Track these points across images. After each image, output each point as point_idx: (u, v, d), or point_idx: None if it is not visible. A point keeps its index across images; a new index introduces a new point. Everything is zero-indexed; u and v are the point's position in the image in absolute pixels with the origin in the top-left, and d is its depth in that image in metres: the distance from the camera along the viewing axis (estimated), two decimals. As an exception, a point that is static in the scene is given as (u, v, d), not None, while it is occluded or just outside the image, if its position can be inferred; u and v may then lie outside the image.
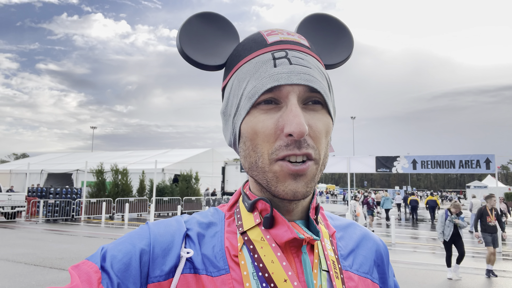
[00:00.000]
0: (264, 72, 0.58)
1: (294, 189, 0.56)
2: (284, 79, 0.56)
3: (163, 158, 27.90)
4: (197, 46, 0.65)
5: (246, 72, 0.60)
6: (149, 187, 21.63)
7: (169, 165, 25.76)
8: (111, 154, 34.51)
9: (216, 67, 0.66)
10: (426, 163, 13.03)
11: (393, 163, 13.64)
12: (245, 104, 0.59)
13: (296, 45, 0.61)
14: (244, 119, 0.60)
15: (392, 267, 0.76)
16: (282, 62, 0.58)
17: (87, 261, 0.56)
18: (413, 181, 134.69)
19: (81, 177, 24.30)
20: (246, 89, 0.59)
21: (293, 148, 0.55)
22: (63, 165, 29.87)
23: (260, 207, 0.62)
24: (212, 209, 0.70)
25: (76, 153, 40.37)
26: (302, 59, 0.59)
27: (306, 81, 0.57)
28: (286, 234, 0.58)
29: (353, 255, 0.69)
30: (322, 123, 0.59)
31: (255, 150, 0.58)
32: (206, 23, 0.67)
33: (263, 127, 0.57)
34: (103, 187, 20.08)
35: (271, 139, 0.57)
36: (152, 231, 0.60)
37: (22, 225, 14.97)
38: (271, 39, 0.62)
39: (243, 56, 0.62)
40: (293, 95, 0.56)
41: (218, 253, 0.60)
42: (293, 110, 0.55)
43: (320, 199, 49.99)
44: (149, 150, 35.65)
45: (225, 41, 0.67)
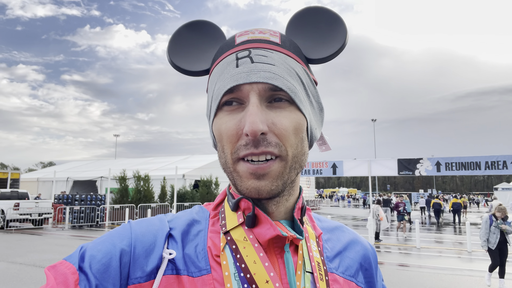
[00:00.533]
0: (227, 73, 0.58)
1: (257, 187, 0.56)
2: (243, 78, 0.56)
3: (183, 164, 28.20)
4: (185, 54, 0.67)
5: (214, 75, 0.62)
6: (170, 193, 21.88)
7: (189, 171, 26.01)
8: (134, 161, 35.15)
9: (203, 72, 0.67)
10: (451, 165, 12.68)
11: (416, 165, 13.34)
12: (213, 106, 0.61)
13: (263, 43, 0.60)
14: (213, 121, 0.61)
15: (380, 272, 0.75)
16: (244, 61, 0.58)
17: (65, 262, 0.54)
18: (438, 184, 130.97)
19: (105, 184, 24.85)
20: (214, 91, 0.60)
21: (250, 147, 0.55)
22: (88, 172, 30.61)
23: (243, 206, 0.61)
24: (198, 207, 0.69)
25: (100, 161, 41.32)
26: (265, 56, 0.58)
27: (266, 78, 0.56)
28: (268, 232, 0.58)
29: (340, 257, 0.68)
30: (288, 120, 0.57)
31: (223, 150, 0.59)
32: (194, 32, 0.69)
33: (226, 128, 0.58)
34: (126, 193, 20.45)
35: (233, 139, 0.57)
36: (134, 230, 0.59)
37: (49, 232, 15.41)
38: (239, 39, 0.62)
39: (215, 59, 0.64)
40: (253, 94, 0.56)
41: (200, 252, 0.59)
42: (250, 109, 0.55)
43: (342, 203, 49.33)
44: (170, 157, 36.10)
45: (210, 47, 0.68)
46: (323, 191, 76.64)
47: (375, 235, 12.85)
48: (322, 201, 53.71)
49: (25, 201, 16.79)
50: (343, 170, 14.69)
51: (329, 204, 52.03)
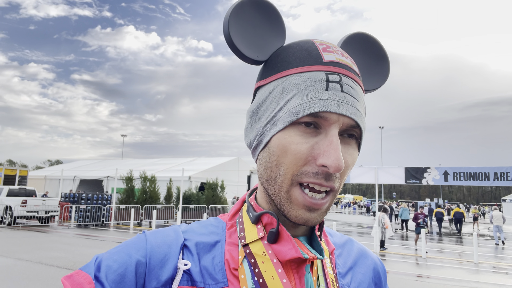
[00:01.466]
0: (314, 92, 0.55)
1: (307, 218, 0.56)
2: (334, 107, 0.54)
3: (190, 166, 28.28)
4: (243, 34, 0.61)
5: (294, 84, 0.57)
6: (176, 194, 21.94)
7: (195, 173, 26.07)
8: (140, 162, 35.34)
9: (257, 61, 0.62)
10: (459, 175, 12.57)
11: (423, 174, 13.25)
12: (285, 118, 0.56)
13: (349, 71, 0.58)
14: (278, 132, 0.57)
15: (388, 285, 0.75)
16: (334, 87, 0.55)
17: (81, 271, 0.55)
18: (445, 194, 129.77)
19: (111, 183, 25.02)
20: (290, 102, 0.56)
21: (321, 179, 0.54)
22: (95, 171, 30.86)
23: (265, 220, 0.61)
24: (213, 219, 0.68)
25: (107, 160, 41.61)
26: (353, 88, 0.57)
27: (352, 114, 0.55)
28: (290, 252, 0.57)
29: (352, 273, 0.68)
30: (352, 158, 0.58)
31: (278, 167, 0.57)
32: (257, 11, 0.62)
33: (295, 149, 0.55)
34: (132, 193, 20.55)
35: (299, 163, 0.55)
36: (149, 241, 0.59)
37: (55, 229, 15.53)
38: (327, 57, 0.58)
39: (294, 65, 0.58)
40: (336, 125, 0.55)
41: (217, 265, 0.58)
42: (334, 142, 0.53)
43: (348, 210, 49.04)
44: (177, 158, 36.23)
45: (271, 36, 0.63)
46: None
47: (380, 243, 12.76)
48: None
49: (32, 198, 16.96)
50: (349, 177, 14.62)
51: (334, 210, 51.77)
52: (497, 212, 17.44)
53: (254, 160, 0.66)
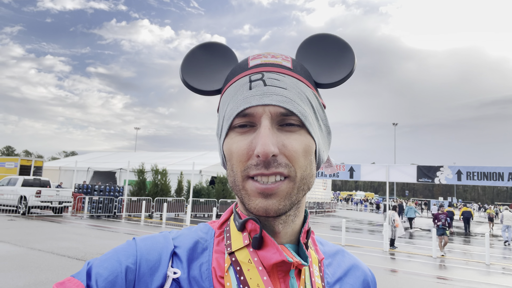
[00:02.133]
0: (240, 95, 0.60)
1: (264, 206, 0.57)
2: (256, 100, 0.58)
3: (201, 160, 28.46)
4: (197, 74, 0.70)
5: (227, 95, 0.64)
6: (187, 188, 22.12)
7: (206, 167, 26.22)
8: (152, 155, 35.70)
9: (214, 92, 0.69)
10: (472, 174, 12.34)
11: (436, 173, 13.05)
12: (225, 126, 0.62)
13: (275, 67, 0.63)
14: (224, 141, 0.62)
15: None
16: (257, 84, 0.60)
17: (73, 279, 0.56)
18: (459, 192, 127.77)
19: (124, 175, 25.34)
20: (226, 111, 0.62)
21: (261, 168, 0.57)
22: (108, 163, 31.29)
23: (249, 227, 0.62)
24: (202, 225, 0.69)
25: (120, 153, 42.13)
26: (278, 80, 0.60)
27: (278, 102, 0.58)
28: (274, 256, 0.58)
29: (340, 283, 0.68)
30: (298, 142, 0.59)
31: (232, 169, 0.60)
32: (207, 52, 0.72)
33: (237, 147, 0.59)
34: (143, 186, 20.80)
35: (243, 159, 0.58)
36: (139, 247, 0.60)
37: (68, 220, 15.85)
38: (253, 62, 0.64)
39: (228, 80, 0.66)
40: (265, 117, 0.58)
41: (204, 272, 0.59)
42: (261, 132, 0.56)
43: (358, 207, 48.76)
44: (188, 152, 36.49)
45: (224, 67, 0.71)
46: (340, 194, 75.88)
47: (390, 242, 12.66)
48: (338, 204, 53.22)
49: (46, 188, 17.32)
50: (360, 174, 14.51)
51: (345, 207, 51.51)
52: (507, 212, 17.82)
53: None
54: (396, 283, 7.93)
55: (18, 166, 23.98)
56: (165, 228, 15.24)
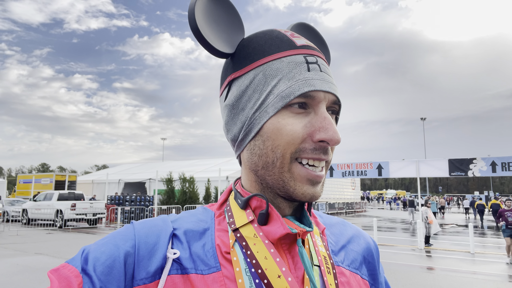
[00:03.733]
0: (299, 74, 0.58)
1: (313, 193, 0.58)
2: (319, 85, 0.58)
3: (226, 166, 28.64)
4: (209, 28, 0.61)
5: (276, 69, 0.59)
6: (214, 194, 22.32)
7: (232, 172, 26.37)
8: (179, 163, 36.26)
9: (225, 54, 0.63)
10: (508, 165, 11.82)
11: (469, 166, 12.58)
12: (276, 103, 0.57)
13: (320, 53, 0.63)
14: (270, 118, 0.58)
15: (381, 265, 0.76)
16: (314, 67, 0.59)
17: (67, 265, 0.54)
18: (496, 185, 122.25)
19: (153, 185, 25.84)
20: (277, 87, 0.58)
21: (319, 153, 0.57)
22: (137, 174, 32.02)
23: (254, 204, 0.62)
24: (201, 208, 0.68)
25: (149, 163, 43.05)
26: (327, 67, 0.62)
27: (334, 90, 0.59)
28: (279, 230, 0.58)
29: (345, 250, 0.70)
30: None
31: (274, 150, 0.57)
32: (217, 6, 0.65)
33: (291, 130, 0.57)
34: (172, 194, 21.16)
35: (297, 141, 0.57)
36: (137, 231, 0.58)
37: (102, 231, 16.31)
38: (298, 42, 0.62)
39: (270, 53, 0.60)
40: (323, 103, 0.58)
41: (208, 251, 0.59)
42: (327, 118, 0.57)
43: (392, 205, 47.59)
44: (214, 159, 36.78)
45: (233, 29, 0.65)
46: (370, 193, 74.40)
47: (425, 239, 12.27)
48: (368, 203, 52.15)
49: (81, 201, 17.94)
50: (389, 171, 14.18)
51: (376, 206, 50.42)
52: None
53: (236, 154, 0.67)
54: (433, 280, 7.68)
55: (53, 182, 24.99)
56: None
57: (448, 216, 30.95)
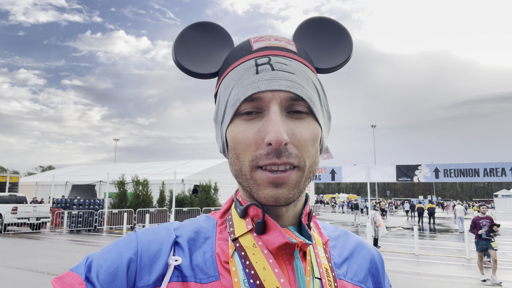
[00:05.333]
0: (246, 79, 0.58)
1: (275, 195, 0.56)
2: (265, 86, 0.56)
3: (182, 169, 28.20)
4: (191, 56, 0.66)
5: (230, 79, 0.60)
6: (169, 197, 21.85)
7: (188, 175, 25.99)
8: (133, 166, 35.15)
9: (210, 75, 0.66)
10: (449, 172, 12.68)
11: (415, 171, 13.34)
12: (229, 112, 0.59)
13: (281, 51, 0.61)
14: (228, 127, 0.60)
15: (387, 276, 0.74)
16: (264, 68, 0.58)
17: (71, 273, 0.55)
18: (438, 191, 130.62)
19: (103, 188, 24.85)
20: (230, 96, 0.59)
21: (272, 157, 0.55)
22: (87, 176, 30.60)
23: (252, 213, 0.61)
24: (204, 216, 0.68)
25: (100, 165, 41.31)
26: (286, 64, 0.58)
27: (287, 87, 0.56)
28: (278, 239, 0.57)
29: (347, 263, 0.68)
30: (307, 131, 0.58)
31: (238, 158, 0.58)
32: (201, 33, 0.68)
33: (243, 137, 0.57)
34: (124, 198, 20.40)
35: (251, 148, 0.56)
36: (140, 239, 0.59)
37: (46, 236, 15.35)
38: (257, 45, 0.62)
39: (230, 64, 0.63)
40: (274, 102, 0.56)
41: (208, 259, 0.59)
42: (273, 118, 0.54)
43: (344, 209, 49.18)
44: (169, 161, 36.07)
45: (219, 49, 0.67)
46: (323, 197, 76.44)
47: (374, 241, 12.81)
48: (322, 207, 53.52)
49: (23, 205, 16.76)
50: (341, 176, 14.68)
51: (329, 210, 51.88)
52: (459, 206, 21.25)
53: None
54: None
55: (-7, 183, 23.15)
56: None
57: (395, 219, 32.53)
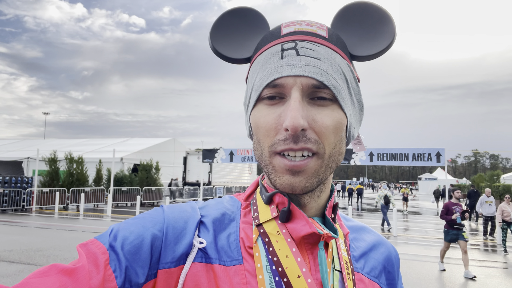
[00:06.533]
0: (271, 64, 0.57)
1: (291, 183, 0.56)
2: (288, 71, 0.55)
3: (122, 147, 27.03)
4: (227, 41, 0.67)
5: (257, 64, 0.61)
6: (107, 176, 20.90)
7: (128, 154, 25.01)
8: (66, 142, 32.97)
9: (244, 60, 0.66)
10: (382, 156, 13.56)
11: (352, 155, 14.08)
12: (253, 97, 0.60)
13: (310, 36, 0.59)
14: (251, 112, 0.60)
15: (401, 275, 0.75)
16: (289, 53, 0.57)
17: (96, 241, 0.55)
18: (370, 173, 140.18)
19: (32, 165, 23.03)
20: (256, 81, 0.59)
21: (289, 143, 0.54)
22: (12, 152, 28.11)
23: (277, 200, 0.61)
24: (228, 197, 0.68)
25: (27, 140, 38.07)
26: (312, 50, 0.57)
27: (311, 73, 0.55)
28: (304, 228, 0.58)
29: (365, 258, 0.69)
30: (330, 118, 0.56)
31: (259, 143, 0.59)
32: (237, 18, 0.68)
33: (264, 121, 0.57)
34: (56, 176, 19.11)
35: (271, 133, 0.56)
36: (167, 215, 0.59)
37: (-35, 216, 14.00)
38: (286, 30, 0.61)
39: (259, 49, 0.63)
40: (295, 88, 0.55)
41: (232, 243, 0.59)
42: (292, 104, 0.54)
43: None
44: (107, 139, 34.38)
45: (254, 35, 0.67)
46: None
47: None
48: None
49: None
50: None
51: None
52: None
53: None
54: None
55: None
56: (83, 220, 14.28)
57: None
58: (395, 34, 0.64)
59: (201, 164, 18.27)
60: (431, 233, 13.31)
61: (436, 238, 11.76)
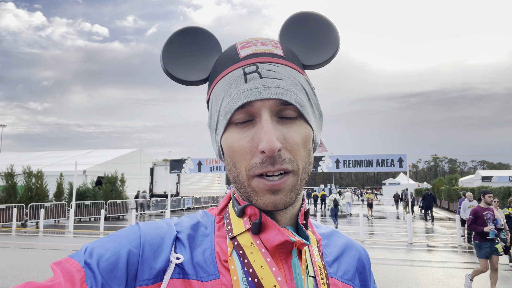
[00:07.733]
0: (236, 89, 0.59)
1: (273, 201, 0.58)
2: (254, 95, 0.57)
3: (84, 159, 26.07)
4: (179, 63, 0.67)
5: (221, 89, 0.62)
6: (68, 190, 20.03)
7: (91, 166, 24.14)
8: (24, 155, 31.36)
9: (200, 81, 0.67)
10: (348, 162, 13.91)
11: (319, 162, 14.34)
12: (222, 121, 0.61)
13: (268, 57, 0.62)
14: (222, 136, 0.61)
15: (372, 274, 0.78)
16: (252, 77, 0.59)
17: (70, 259, 0.54)
18: (337, 179, 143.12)
19: (-14, 181, 21.73)
20: (222, 106, 0.61)
21: (267, 165, 0.56)
22: (-36, 168, 26.42)
23: (249, 212, 0.62)
24: (202, 212, 0.69)
25: (-19, 154, 35.90)
26: (273, 71, 0.60)
27: (276, 94, 0.57)
28: (277, 237, 0.59)
29: (338, 262, 0.71)
30: (299, 134, 0.59)
31: (235, 166, 0.60)
32: (187, 39, 0.68)
33: (238, 146, 0.58)
34: (13, 191, 18.08)
35: (247, 156, 0.58)
36: (143, 232, 0.59)
37: None
38: (243, 52, 0.63)
39: (219, 72, 0.64)
40: (264, 110, 0.57)
41: (208, 258, 0.60)
42: (264, 126, 0.56)
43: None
44: (69, 151, 33.04)
45: (207, 55, 0.68)
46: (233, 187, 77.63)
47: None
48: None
49: None
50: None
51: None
52: (347, 193, 24.66)
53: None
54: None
55: None
56: (43, 237, 13.57)
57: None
58: (339, 40, 0.69)
59: (169, 175, 17.94)
60: (396, 236, 13.72)
61: (401, 242, 12.13)
